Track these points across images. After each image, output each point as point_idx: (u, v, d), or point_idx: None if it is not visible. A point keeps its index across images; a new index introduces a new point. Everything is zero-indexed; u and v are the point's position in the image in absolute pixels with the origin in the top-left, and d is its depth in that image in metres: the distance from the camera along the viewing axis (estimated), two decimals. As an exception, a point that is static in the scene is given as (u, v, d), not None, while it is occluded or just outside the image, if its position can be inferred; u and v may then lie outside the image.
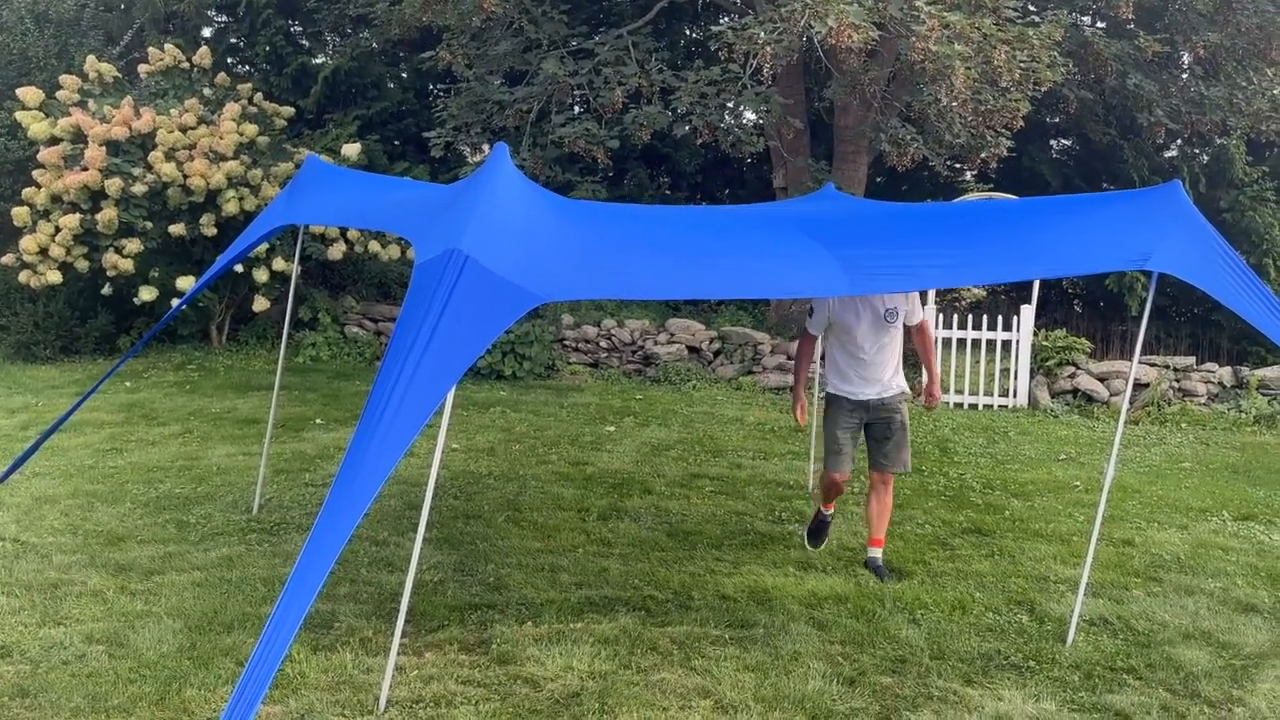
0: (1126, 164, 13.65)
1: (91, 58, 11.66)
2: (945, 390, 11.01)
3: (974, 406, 10.69)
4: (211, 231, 10.76)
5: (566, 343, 11.94)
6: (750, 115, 11.89)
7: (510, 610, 4.57)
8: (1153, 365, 10.94)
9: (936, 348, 11.10)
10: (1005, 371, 10.85)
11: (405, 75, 15.16)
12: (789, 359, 11.41)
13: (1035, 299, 11.22)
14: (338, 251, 11.24)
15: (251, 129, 11.11)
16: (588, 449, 7.93)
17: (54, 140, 10.60)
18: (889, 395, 5.10)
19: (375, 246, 11.43)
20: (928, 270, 4.30)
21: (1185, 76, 12.38)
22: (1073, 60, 10.64)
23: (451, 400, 3.71)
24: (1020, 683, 4.04)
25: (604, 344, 11.92)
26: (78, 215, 10.31)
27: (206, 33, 14.71)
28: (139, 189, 10.36)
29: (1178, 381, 10.97)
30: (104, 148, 10.37)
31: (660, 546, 5.58)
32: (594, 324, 12.03)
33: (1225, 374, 11.05)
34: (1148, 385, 10.70)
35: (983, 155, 10.43)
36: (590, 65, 11.01)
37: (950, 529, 6.12)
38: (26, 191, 10.51)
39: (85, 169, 10.26)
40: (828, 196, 6.15)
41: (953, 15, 8.78)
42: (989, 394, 10.75)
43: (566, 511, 6.18)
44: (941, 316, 11.24)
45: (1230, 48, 11.41)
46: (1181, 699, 3.96)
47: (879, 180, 14.54)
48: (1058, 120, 14.46)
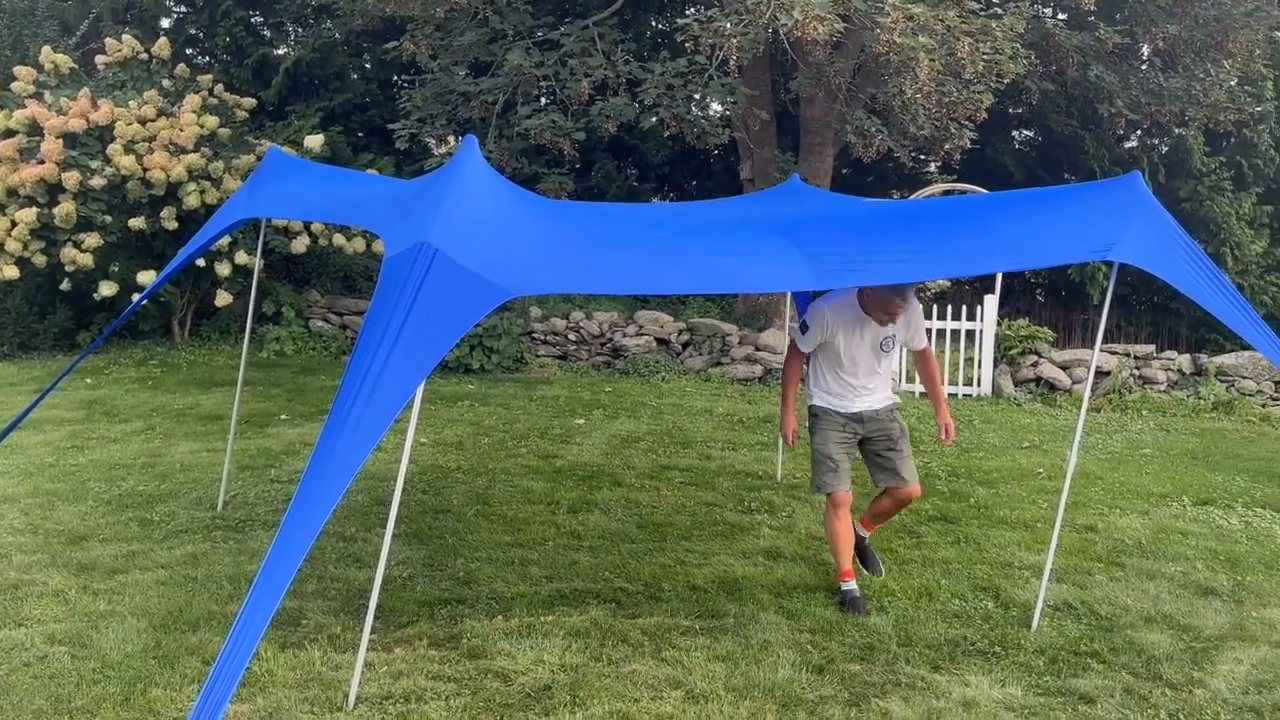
0: (1088, 154, 13.82)
1: (47, 48, 11.44)
2: (911, 380, 11.11)
3: (939, 396, 10.77)
4: (172, 225, 10.60)
5: (535, 335, 11.91)
6: (717, 107, 11.89)
7: (480, 604, 4.56)
8: (1114, 353, 11.10)
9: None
10: (969, 361, 10.97)
11: (369, 66, 15.03)
12: (757, 349, 11.46)
13: (999, 289, 11.34)
14: (301, 245, 11.12)
15: (212, 121, 10.96)
16: (557, 442, 7.92)
17: (9, 133, 10.40)
18: (882, 406, 4.78)
19: (340, 240, 11.33)
20: (893, 265, 4.32)
21: (1145, 68, 12.55)
22: (1035, 52, 10.74)
23: (420, 394, 3.69)
24: (986, 668, 4.09)
25: (572, 336, 11.90)
26: (34, 209, 10.12)
27: (165, 23, 14.49)
28: (97, 182, 10.20)
29: (1138, 369, 11.13)
30: (61, 140, 10.19)
31: (630, 538, 5.59)
32: (562, 316, 12.01)
33: (1184, 361, 11.23)
34: (1109, 373, 10.85)
35: (946, 147, 10.51)
36: (556, 56, 10.97)
37: (916, 517, 6.18)
38: (-19, 185, 10.31)
39: (42, 162, 10.07)
40: (793, 189, 6.17)
41: (916, 7, 8.83)
42: (954, 383, 10.86)
43: (536, 505, 6.17)
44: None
45: (1188, 40, 11.58)
46: (1144, 681, 4.03)
47: (845, 171, 14.62)
48: (1020, 111, 14.60)
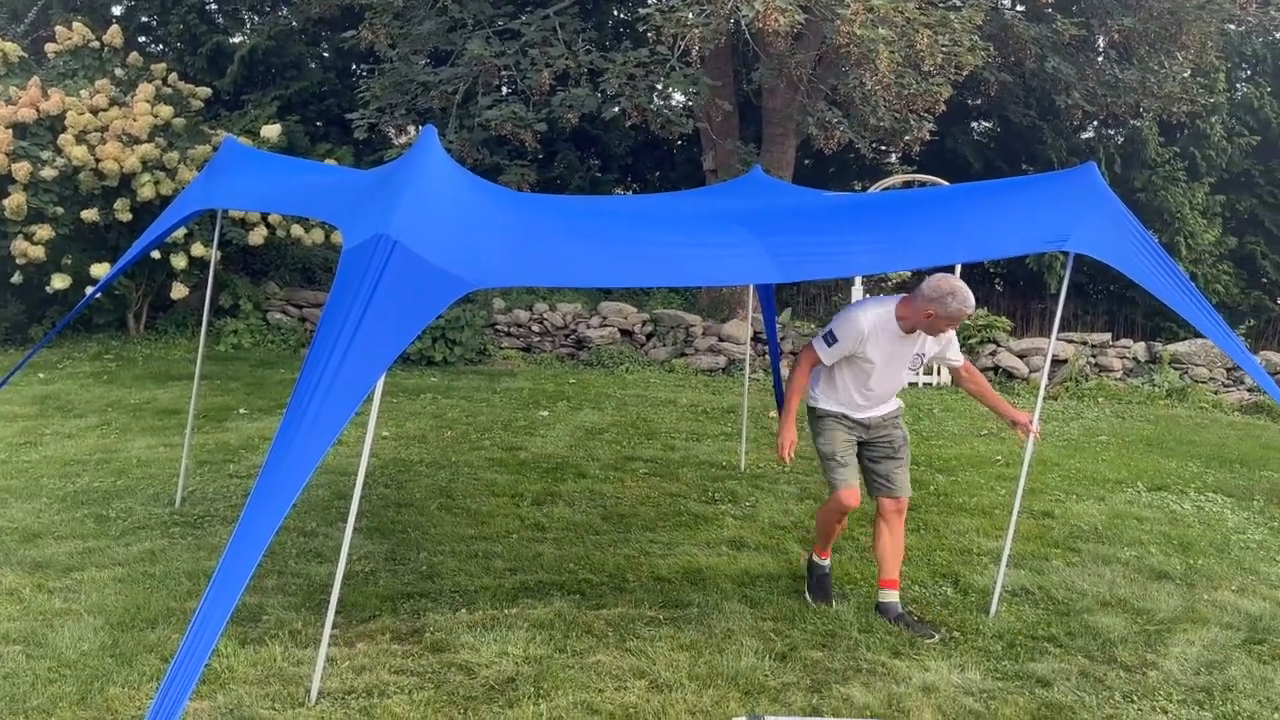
0: (1045, 145, 13.99)
1: (-6, 36, 11.20)
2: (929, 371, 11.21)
3: (900, 385, 10.88)
4: (126, 217, 10.43)
5: (498, 327, 11.86)
6: (679, 97, 11.92)
7: (443, 598, 4.55)
8: (1070, 342, 11.27)
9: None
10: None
11: (326, 55, 14.84)
12: (720, 340, 11.49)
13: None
14: (259, 236, 10.98)
15: (166, 110, 10.78)
16: (521, 434, 7.90)
17: (-44, 122, 10.17)
18: (888, 411, 4.55)
19: (298, 231, 11.19)
20: (855, 257, 4.35)
21: (1100, 60, 12.72)
22: (993, 44, 10.85)
23: (381, 388, 3.66)
24: (946, 653, 4.14)
25: (536, 328, 11.87)
26: (-17, 200, 9.92)
27: (116, 10, 14.20)
28: (48, 173, 10.00)
29: (1094, 357, 11.31)
30: (10, 130, 9.98)
31: (595, 530, 5.60)
32: (526, 308, 11.97)
33: (1139, 349, 11.43)
34: (1066, 361, 11.02)
35: (906, 138, 10.59)
36: (517, 46, 10.91)
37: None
38: (-72, 176, 10.08)
39: (-10, 152, 9.87)
40: (756, 181, 6.19)
41: (876, -1, 8.89)
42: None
43: (500, 497, 6.15)
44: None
45: (1143, 32, 11.74)
46: (1099, 664, 4.10)
47: (807, 162, 14.69)
48: (979, 103, 14.75)
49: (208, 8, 14.27)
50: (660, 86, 10.67)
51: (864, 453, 4.55)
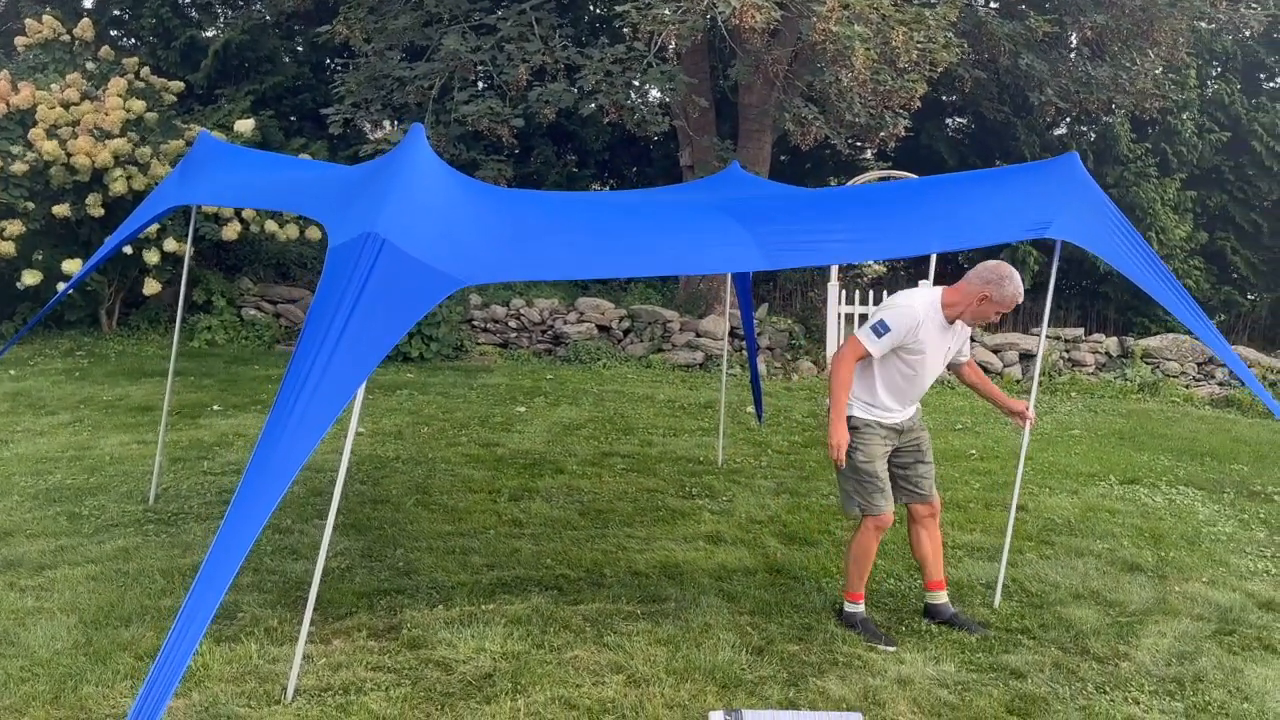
0: (1019, 141, 14.09)
1: (-38, 29, 11.06)
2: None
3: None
4: (98, 212, 10.31)
5: (475, 323, 11.82)
6: (656, 94, 11.89)
7: (420, 594, 4.54)
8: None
9: (839, 323, 11.37)
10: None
11: (301, 49, 14.73)
12: (698, 336, 11.51)
13: (932, 273, 11.53)
14: (232, 231, 10.88)
15: (139, 105, 10.67)
16: (498, 430, 7.89)
17: (-77, 116, 10.03)
18: (915, 412, 4.37)
19: (272, 226, 11.11)
20: (837, 245, 4.36)
21: (1073, 57, 12.82)
22: (967, 40, 10.91)
23: (363, 387, 3.64)
24: (921, 646, 4.18)
25: (513, 324, 11.84)
26: (-48, 196, 9.78)
27: (88, 3, 14.03)
28: (19, 168, 9.88)
29: (1067, 352, 11.42)
30: (-21, 124, 9.85)
31: (572, 525, 5.60)
32: (503, 304, 11.94)
33: (1112, 344, 11.55)
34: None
35: (882, 134, 10.64)
36: (493, 41, 10.87)
37: (855, 500, 6.27)
38: (-106, 171, 9.93)
39: (-42, 147, 9.73)
40: (734, 177, 6.20)
41: (852, -5, 8.91)
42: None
43: (477, 493, 6.14)
44: (844, 293, 11.47)
45: (1115, 29, 11.85)
46: (1072, 656, 4.15)
47: (783, 159, 14.72)
48: (954, 99, 14.83)
49: (181, 1, 14.14)
50: (637, 83, 10.66)
51: (891, 459, 4.31)
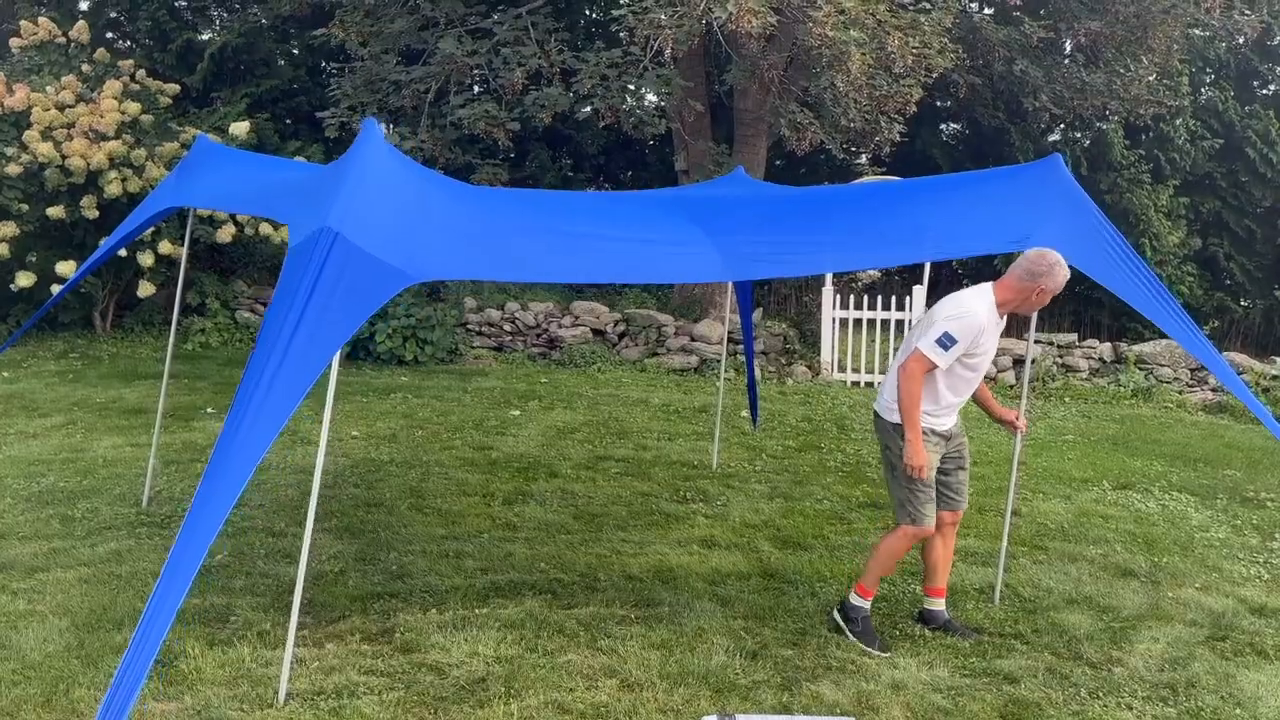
0: (1013, 147, 14.12)
1: (-43, 30, 11.02)
2: (842, 369, 11.28)
3: (869, 384, 10.97)
4: (93, 214, 10.29)
5: (470, 326, 11.81)
6: (652, 98, 11.91)
7: (414, 598, 4.53)
8: (1038, 342, 11.40)
9: (834, 328, 11.38)
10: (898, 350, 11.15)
11: (296, 52, 14.72)
12: (693, 340, 11.51)
13: (926, 280, 11.55)
14: (227, 234, 10.86)
15: (134, 107, 10.65)
16: (492, 433, 7.88)
17: (-83, 117, 10.00)
18: (958, 418, 4.33)
19: (267, 229, 11.08)
20: (810, 257, 4.36)
21: (1068, 62, 12.86)
22: (962, 46, 10.93)
23: (334, 384, 3.65)
24: (914, 651, 4.18)
25: (508, 327, 11.84)
26: (-55, 197, 9.76)
27: (84, 5, 14.01)
28: (13, 169, 9.86)
29: (1061, 358, 11.45)
30: (-27, 125, 9.83)
31: (566, 529, 5.59)
32: (498, 307, 11.93)
33: (1105, 350, 11.58)
34: (1033, 361, 11.14)
35: (877, 139, 10.66)
36: (489, 45, 10.87)
37: (847, 503, 6.28)
38: (-113, 172, 9.89)
39: (-48, 148, 9.71)
40: (737, 181, 6.19)
41: (848, 1, 8.93)
42: (883, 372, 11.02)
43: (471, 497, 6.13)
44: (838, 298, 11.48)
45: (1109, 35, 11.89)
46: (1065, 661, 4.15)
47: (778, 163, 14.74)
48: (948, 105, 14.86)
49: (177, 4, 14.12)
50: (633, 87, 10.67)
51: (938, 466, 4.22)
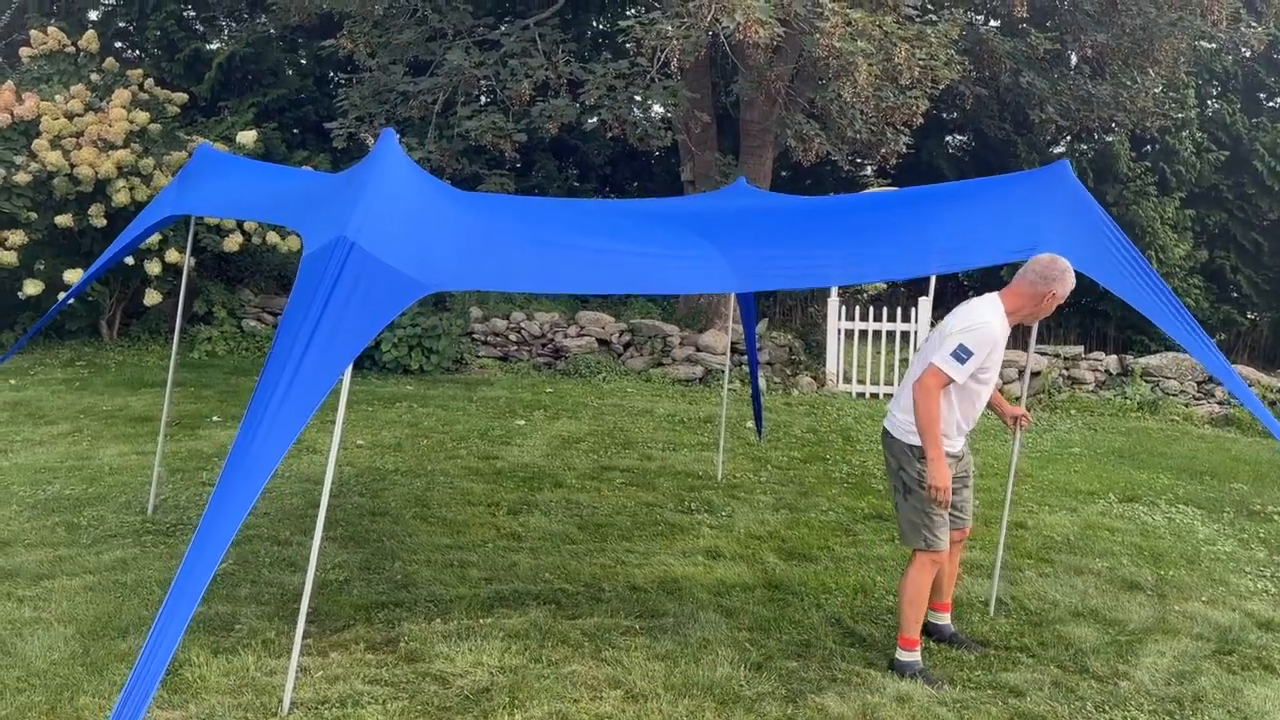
0: (1019, 159, 14.14)
1: (-33, 39, 11.10)
2: (848, 381, 11.27)
3: (875, 396, 10.95)
4: (101, 222, 10.33)
5: (475, 336, 11.82)
6: (658, 109, 11.94)
7: (418, 607, 4.52)
8: (1043, 354, 11.38)
9: (839, 339, 11.38)
10: (904, 361, 11.14)
11: (304, 62, 14.79)
12: (698, 350, 11.51)
13: (932, 291, 11.55)
14: (234, 243, 10.90)
15: (143, 116, 10.71)
16: (497, 443, 7.88)
17: (-73, 126, 10.06)
18: (967, 438, 4.21)
19: (274, 238, 11.13)
20: (818, 270, 4.37)
21: (1074, 75, 12.88)
22: (969, 58, 10.96)
23: (346, 393, 3.66)
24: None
25: (513, 337, 11.84)
26: (-46, 205, 9.80)
27: (93, 15, 14.11)
28: (22, 178, 9.91)
29: (1067, 370, 11.42)
30: (-17, 134, 9.89)
31: (571, 539, 5.59)
32: (503, 317, 11.95)
33: (1112, 362, 11.55)
34: (1039, 374, 11.11)
35: (883, 151, 10.67)
36: (496, 56, 10.92)
37: (853, 515, 6.27)
38: (-103, 180, 9.95)
39: (-38, 156, 9.76)
40: (740, 192, 6.20)
41: (855, 12, 8.95)
42: (889, 383, 11.02)
43: (476, 506, 6.13)
44: (844, 309, 11.48)
45: (1116, 47, 11.91)
46: (1071, 674, 4.13)
47: (784, 175, 14.76)
48: (954, 116, 14.89)
49: (186, 14, 14.20)
50: (639, 98, 10.70)
51: None
